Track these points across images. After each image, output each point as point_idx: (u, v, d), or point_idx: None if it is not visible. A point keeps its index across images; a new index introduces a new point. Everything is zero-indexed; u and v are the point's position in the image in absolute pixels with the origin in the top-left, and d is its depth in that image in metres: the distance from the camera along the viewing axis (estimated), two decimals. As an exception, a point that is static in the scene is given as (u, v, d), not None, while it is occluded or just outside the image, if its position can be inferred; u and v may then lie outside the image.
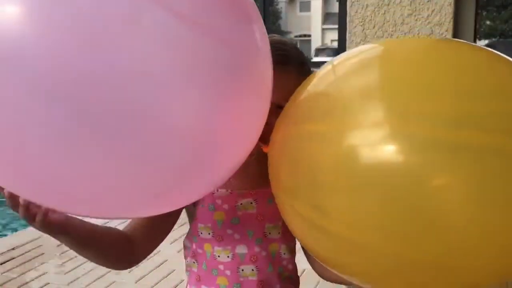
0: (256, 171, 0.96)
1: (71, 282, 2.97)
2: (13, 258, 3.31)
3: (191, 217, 1.05)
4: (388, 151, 0.62)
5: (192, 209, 1.04)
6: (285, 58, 0.91)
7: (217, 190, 1.00)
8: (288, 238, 1.04)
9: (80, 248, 0.90)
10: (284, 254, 1.04)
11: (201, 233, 1.02)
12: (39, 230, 0.78)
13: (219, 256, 1.01)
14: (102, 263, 0.97)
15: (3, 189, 0.71)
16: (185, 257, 1.09)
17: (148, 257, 1.02)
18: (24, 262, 3.25)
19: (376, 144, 0.63)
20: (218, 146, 0.69)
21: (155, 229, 0.99)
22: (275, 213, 1.02)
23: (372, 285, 0.77)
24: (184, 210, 1.06)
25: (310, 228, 0.73)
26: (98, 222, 0.96)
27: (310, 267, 1.05)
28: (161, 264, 3.16)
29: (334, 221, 0.68)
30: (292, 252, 1.07)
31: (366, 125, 0.65)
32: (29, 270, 3.14)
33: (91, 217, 0.76)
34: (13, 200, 0.73)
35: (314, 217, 0.70)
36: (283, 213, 0.82)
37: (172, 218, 1.01)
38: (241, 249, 1.00)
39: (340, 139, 0.67)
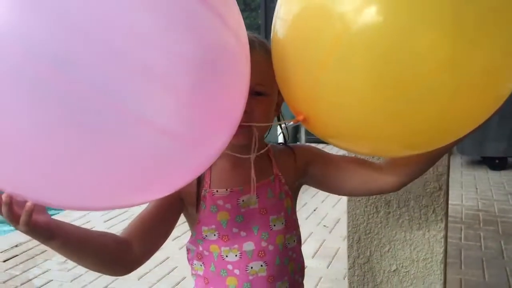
0: (253, 165, 0.97)
1: (74, 279, 2.98)
2: (16, 255, 3.33)
3: (193, 221, 1.04)
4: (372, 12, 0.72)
5: (193, 213, 1.04)
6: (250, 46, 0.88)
7: (217, 191, 1.01)
8: (292, 227, 1.06)
9: (74, 255, 0.87)
10: (289, 244, 1.05)
11: (206, 235, 1.01)
12: (26, 233, 0.75)
13: (227, 256, 1.01)
14: (100, 270, 0.94)
15: None
16: (189, 261, 1.08)
17: (151, 254, 1.02)
18: (27, 259, 3.27)
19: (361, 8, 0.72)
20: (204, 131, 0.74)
21: (151, 233, 0.98)
22: (277, 205, 1.03)
23: (365, 142, 0.87)
24: (183, 216, 1.06)
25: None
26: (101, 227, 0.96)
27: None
28: (164, 261, 3.17)
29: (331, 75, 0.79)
30: (297, 241, 1.08)
31: None
32: (32, 267, 3.16)
33: (82, 209, 0.76)
34: None
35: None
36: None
37: (169, 223, 1.01)
38: (248, 246, 1.01)
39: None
